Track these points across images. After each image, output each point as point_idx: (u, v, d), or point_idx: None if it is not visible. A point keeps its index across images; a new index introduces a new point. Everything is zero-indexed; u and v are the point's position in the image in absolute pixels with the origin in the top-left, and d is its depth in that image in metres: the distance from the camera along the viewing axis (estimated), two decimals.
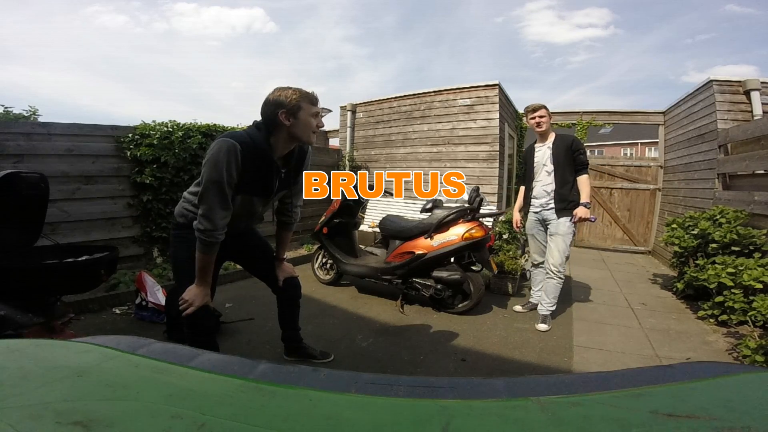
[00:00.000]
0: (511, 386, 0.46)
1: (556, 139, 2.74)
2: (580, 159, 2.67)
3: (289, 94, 1.46)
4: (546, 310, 2.71)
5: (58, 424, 0.35)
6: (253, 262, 1.94)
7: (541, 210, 2.77)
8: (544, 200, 2.75)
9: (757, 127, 3.34)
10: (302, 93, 1.47)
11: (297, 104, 1.46)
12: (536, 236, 2.87)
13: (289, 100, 1.45)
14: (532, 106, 2.77)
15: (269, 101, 1.47)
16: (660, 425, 0.35)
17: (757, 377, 0.50)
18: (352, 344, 2.38)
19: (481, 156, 4.88)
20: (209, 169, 1.40)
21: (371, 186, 3.56)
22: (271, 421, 0.38)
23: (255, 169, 1.49)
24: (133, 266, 3.37)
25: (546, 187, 2.74)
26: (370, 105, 5.88)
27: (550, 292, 2.69)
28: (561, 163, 2.67)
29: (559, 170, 2.68)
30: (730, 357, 2.31)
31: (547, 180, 2.73)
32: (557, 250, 2.66)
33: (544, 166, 2.76)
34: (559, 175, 2.68)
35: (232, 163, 1.40)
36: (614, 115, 6.11)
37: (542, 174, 2.77)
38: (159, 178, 3.47)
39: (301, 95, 1.47)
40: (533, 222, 2.86)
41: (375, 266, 3.07)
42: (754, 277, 2.59)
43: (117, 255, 2.13)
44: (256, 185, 1.54)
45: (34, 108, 5.45)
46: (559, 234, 2.65)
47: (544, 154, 2.77)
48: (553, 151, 2.71)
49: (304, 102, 1.47)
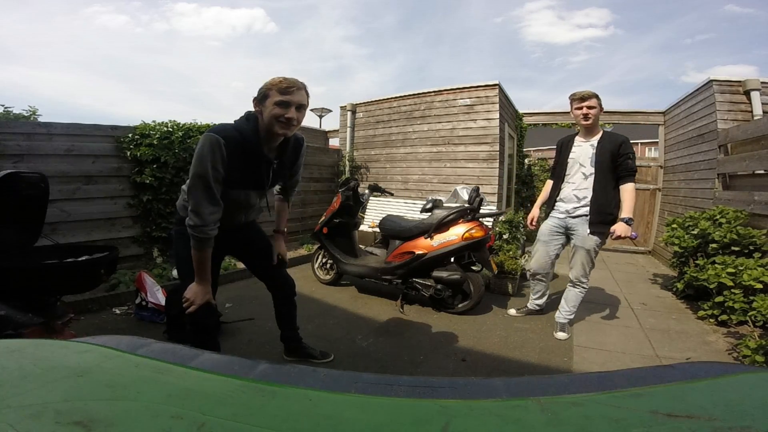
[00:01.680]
0: (511, 386, 0.46)
1: (603, 137, 2.33)
2: (628, 164, 2.24)
3: (267, 81, 1.43)
4: (564, 318, 2.54)
5: (58, 424, 0.35)
6: (252, 259, 1.93)
7: (566, 216, 2.42)
8: (572, 206, 2.39)
9: (757, 127, 3.34)
10: (275, 81, 1.41)
11: (265, 92, 1.41)
12: (549, 244, 2.52)
13: (261, 88, 1.43)
14: (581, 94, 2.31)
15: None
16: (660, 425, 0.35)
17: (757, 377, 0.50)
18: (352, 344, 2.38)
19: (481, 156, 4.87)
20: (194, 163, 1.38)
21: (376, 188, 3.56)
22: (271, 421, 0.38)
23: (244, 161, 1.45)
24: (133, 266, 3.37)
25: (578, 192, 2.36)
26: (370, 105, 5.87)
27: (571, 300, 2.51)
28: (605, 168, 2.26)
29: (600, 175, 2.27)
30: (730, 357, 2.31)
31: (583, 184, 2.35)
32: (581, 263, 2.39)
33: (581, 166, 2.37)
34: (599, 181, 2.27)
35: (217, 156, 1.37)
36: (614, 115, 6.11)
37: (577, 175, 2.38)
38: (159, 178, 3.47)
39: (272, 83, 1.41)
40: (551, 227, 2.50)
41: (375, 266, 3.07)
42: (754, 277, 2.59)
43: (117, 255, 2.13)
44: (247, 179, 1.51)
45: (34, 108, 5.46)
46: (585, 248, 2.34)
47: (584, 152, 2.36)
48: (597, 151, 2.30)
49: (273, 89, 1.40)
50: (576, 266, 2.44)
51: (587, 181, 2.33)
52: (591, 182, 2.31)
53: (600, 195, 2.28)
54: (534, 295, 2.85)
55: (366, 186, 3.85)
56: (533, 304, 2.87)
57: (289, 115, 1.41)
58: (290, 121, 1.43)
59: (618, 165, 2.26)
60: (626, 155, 2.25)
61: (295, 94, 1.41)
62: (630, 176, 2.25)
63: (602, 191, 2.28)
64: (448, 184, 4.96)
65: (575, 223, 2.38)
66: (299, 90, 1.43)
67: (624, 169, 2.25)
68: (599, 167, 2.29)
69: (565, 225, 2.44)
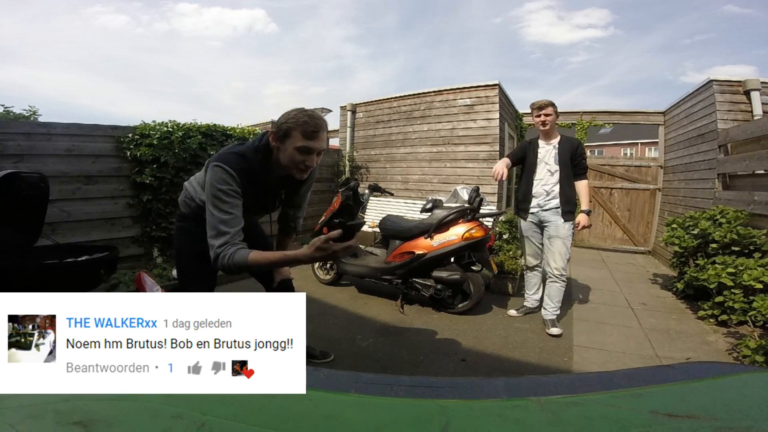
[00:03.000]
0: (511, 386, 0.46)
1: (562, 140, 2.67)
2: (582, 164, 2.63)
3: (290, 115, 1.29)
4: (551, 315, 2.66)
5: (58, 424, 0.35)
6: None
7: (538, 210, 2.68)
8: (542, 200, 2.66)
9: (757, 127, 3.34)
10: (300, 120, 1.26)
11: (287, 130, 1.28)
12: (532, 238, 2.78)
13: (282, 122, 1.29)
14: (538, 103, 2.66)
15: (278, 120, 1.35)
16: (660, 425, 0.35)
17: (757, 377, 0.50)
18: (352, 344, 2.38)
19: (481, 156, 4.87)
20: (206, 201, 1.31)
21: (376, 188, 3.56)
22: (271, 421, 0.38)
23: (249, 191, 1.35)
24: (133, 266, 3.36)
25: (546, 187, 2.65)
26: (370, 105, 5.87)
27: (554, 296, 2.65)
28: (566, 165, 2.61)
29: (564, 172, 2.61)
30: (730, 357, 2.31)
31: (550, 180, 2.64)
32: (558, 253, 2.59)
33: (546, 164, 2.67)
34: (565, 176, 2.61)
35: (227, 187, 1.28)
36: (614, 115, 6.11)
37: (543, 172, 2.67)
38: (159, 178, 3.46)
39: (297, 122, 1.26)
40: (529, 224, 2.76)
41: (375, 266, 3.07)
42: (754, 277, 2.59)
43: (117, 255, 2.13)
44: (253, 206, 1.44)
45: (34, 108, 5.45)
46: (559, 237, 2.59)
47: (548, 153, 2.68)
48: (559, 151, 2.64)
49: (296, 130, 1.26)
50: (555, 257, 2.62)
51: (553, 177, 2.65)
52: (557, 178, 2.63)
53: (566, 188, 2.61)
54: (530, 290, 2.94)
55: (366, 186, 3.84)
56: (530, 300, 2.93)
57: (309, 162, 1.31)
58: (309, 168, 1.33)
59: (575, 164, 2.63)
60: (582, 156, 2.65)
61: (319, 139, 1.30)
62: (584, 174, 2.66)
63: (567, 184, 2.62)
64: (448, 184, 4.96)
65: (546, 215, 2.65)
66: (323, 132, 1.31)
67: (580, 168, 2.64)
68: (563, 165, 2.62)
69: (539, 219, 2.69)
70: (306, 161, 1.30)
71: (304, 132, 1.26)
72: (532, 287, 2.93)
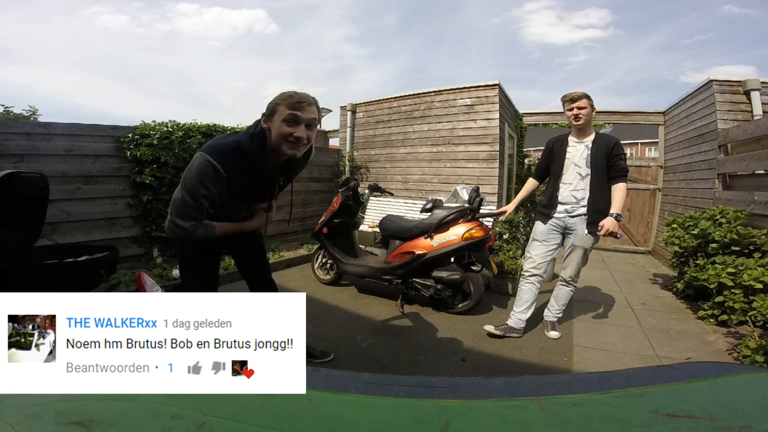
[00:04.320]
0: (511, 386, 0.46)
1: (597, 139, 2.34)
2: (620, 165, 2.28)
3: (276, 96, 1.31)
4: (553, 317, 2.56)
5: (58, 424, 0.35)
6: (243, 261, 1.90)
7: (565, 216, 2.40)
8: (570, 206, 2.38)
9: (757, 127, 3.34)
10: (285, 95, 1.29)
11: (273, 107, 1.29)
12: (547, 242, 2.47)
13: (270, 103, 1.31)
14: (571, 95, 2.33)
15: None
16: (660, 425, 0.35)
17: (757, 377, 0.50)
18: (352, 344, 2.38)
19: (481, 156, 4.87)
20: (183, 181, 1.35)
21: (376, 188, 3.56)
22: (271, 421, 0.38)
23: (245, 179, 1.37)
24: (133, 266, 3.37)
25: (576, 193, 2.36)
26: (370, 105, 5.87)
27: (561, 299, 2.54)
28: (600, 168, 2.29)
29: (597, 176, 2.30)
30: (730, 357, 2.31)
31: (580, 184, 2.35)
32: (576, 262, 2.41)
33: (576, 166, 2.36)
34: (597, 182, 2.30)
35: (206, 181, 1.31)
36: (614, 115, 6.10)
37: (572, 175, 2.38)
38: (159, 178, 3.47)
39: (281, 97, 1.29)
40: (550, 228, 2.45)
41: (375, 266, 3.07)
42: (754, 277, 2.59)
43: (117, 255, 2.14)
44: (249, 194, 1.46)
45: (34, 108, 5.46)
46: (582, 247, 2.36)
47: (579, 153, 2.37)
48: (593, 152, 2.32)
49: (281, 105, 1.28)
50: (571, 265, 2.45)
51: (584, 181, 2.34)
52: (587, 182, 2.33)
53: (597, 195, 2.30)
54: (518, 306, 2.51)
55: (366, 186, 3.84)
56: (515, 319, 2.50)
57: (298, 134, 1.28)
58: (299, 140, 1.30)
59: (611, 165, 2.29)
60: (619, 156, 2.29)
61: (305, 110, 1.28)
62: (622, 176, 2.29)
63: (599, 192, 2.30)
64: (448, 184, 4.96)
65: (574, 222, 2.38)
66: (310, 105, 1.30)
67: (617, 170, 2.29)
68: (595, 168, 2.30)
69: (564, 224, 2.42)
70: (294, 132, 1.28)
71: (288, 104, 1.27)
72: (522, 304, 2.49)
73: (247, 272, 1.91)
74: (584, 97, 2.31)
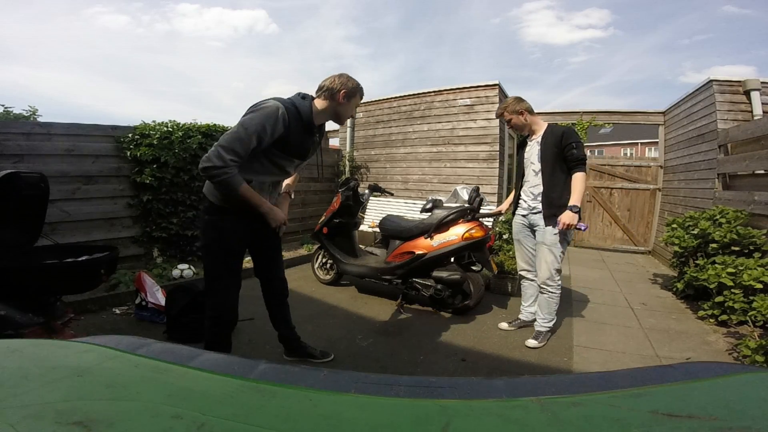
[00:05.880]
0: (511, 386, 0.46)
1: (546, 133, 2.38)
2: (573, 154, 2.25)
3: (354, 83, 1.74)
4: (541, 326, 2.45)
5: (58, 424, 0.35)
6: (259, 257, 1.95)
7: (527, 214, 2.46)
8: (530, 203, 2.45)
9: (757, 127, 3.34)
10: (360, 86, 1.76)
11: (354, 91, 1.74)
12: (522, 242, 2.55)
13: (353, 86, 1.73)
14: (496, 112, 2.51)
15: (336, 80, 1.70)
16: (660, 425, 0.35)
17: (757, 377, 0.50)
18: (352, 344, 2.38)
19: (481, 156, 4.88)
20: (250, 117, 1.54)
21: (376, 188, 3.56)
22: (271, 421, 0.38)
23: (297, 133, 1.65)
24: (133, 266, 3.36)
25: (533, 189, 2.42)
26: (370, 105, 5.87)
27: (543, 308, 2.43)
28: (549, 161, 2.31)
29: (546, 169, 2.32)
30: (730, 357, 2.31)
31: (534, 180, 2.40)
32: (544, 261, 2.36)
33: (531, 164, 2.43)
34: (546, 174, 2.31)
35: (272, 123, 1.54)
36: (614, 115, 6.11)
37: (529, 173, 2.45)
38: (159, 178, 3.47)
39: (358, 87, 1.75)
40: (519, 226, 2.54)
41: (375, 266, 3.07)
42: (754, 277, 2.59)
43: (117, 255, 2.13)
44: (297, 148, 1.70)
45: (34, 108, 5.46)
46: (545, 244, 2.34)
47: (532, 150, 2.43)
48: (542, 147, 2.35)
49: (359, 93, 1.77)
50: (541, 267, 2.39)
51: (537, 177, 2.39)
52: (540, 178, 2.37)
53: (548, 188, 2.32)
54: (525, 301, 2.67)
55: (366, 186, 3.84)
56: (525, 312, 2.66)
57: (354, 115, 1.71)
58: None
59: (565, 157, 2.28)
60: (570, 145, 2.27)
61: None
62: (578, 165, 2.27)
63: (550, 184, 2.31)
64: (448, 184, 4.96)
65: (535, 219, 2.42)
66: None
67: (571, 160, 2.27)
68: (544, 162, 2.34)
69: (529, 222, 2.48)
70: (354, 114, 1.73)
71: (361, 94, 1.79)
72: (528, 298, 2.64)
73: (263, 271, 1.97)
74: (503, 110, 2.43)
